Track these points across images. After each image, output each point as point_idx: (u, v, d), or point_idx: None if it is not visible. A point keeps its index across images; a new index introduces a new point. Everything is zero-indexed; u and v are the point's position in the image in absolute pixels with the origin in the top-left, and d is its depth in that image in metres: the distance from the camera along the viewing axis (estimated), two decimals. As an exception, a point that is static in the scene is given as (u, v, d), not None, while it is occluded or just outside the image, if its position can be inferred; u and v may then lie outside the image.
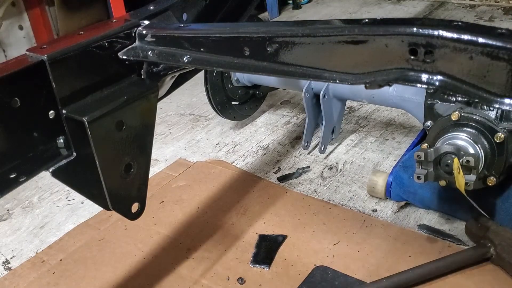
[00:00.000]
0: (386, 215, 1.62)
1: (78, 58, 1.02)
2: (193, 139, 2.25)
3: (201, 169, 1.98)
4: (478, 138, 1.33)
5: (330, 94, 1.84)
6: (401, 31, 0.78)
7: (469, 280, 1.33)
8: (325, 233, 1.56)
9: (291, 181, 1.85)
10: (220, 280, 1.44)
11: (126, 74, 1.11)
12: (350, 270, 1.41)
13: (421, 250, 1.44)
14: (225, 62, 1.00)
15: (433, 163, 1.34)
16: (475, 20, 3.13)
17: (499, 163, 1.33)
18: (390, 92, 1.66)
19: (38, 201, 1.92)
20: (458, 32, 0.74)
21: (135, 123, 1.08)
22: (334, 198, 1.73)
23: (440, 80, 0.78)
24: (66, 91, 0.99)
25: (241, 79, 2.09)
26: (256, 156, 2.04)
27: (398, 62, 0.80)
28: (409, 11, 3.45)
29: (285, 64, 0.93)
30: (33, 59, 0.96)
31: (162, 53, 1.08)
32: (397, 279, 1.32)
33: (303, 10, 3.77)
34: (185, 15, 1.25)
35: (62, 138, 1.01)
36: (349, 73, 0.86)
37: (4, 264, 1.63)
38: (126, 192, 1.13)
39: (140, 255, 1.57)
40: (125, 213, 1.14)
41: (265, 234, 1.58)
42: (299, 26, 0.95)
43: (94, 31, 1.07)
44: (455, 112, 1.36)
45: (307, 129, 1.91)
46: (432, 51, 0.76)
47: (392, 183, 1.62)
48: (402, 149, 1.92)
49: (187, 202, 1.78)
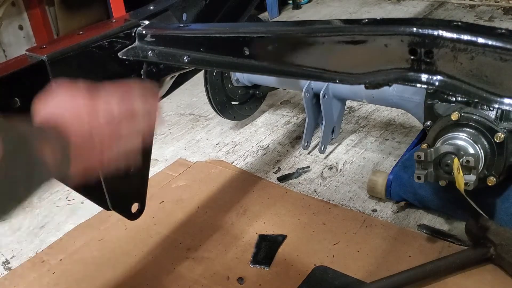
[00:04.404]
0: (386, 215, 1.62)
1: (78, 58, 1.02)
2: (193, 139, 2.25)
3: (201, 169, 1.98)
4: (478, 138, 1.33)
5: (330, 94, 1.84)
6: (401, 31, 0.78)
7: (469, 280, 1.33)
8: (325, 233, 1.56)
9: (291, 181, 1.85)
10: (220, 280, 1.43)
11: (126, 74, 1.11)
12: (350, 270, 1.41)
13: (421, 250, 1.44)
14: (225, 62, 1.01)
15: (433, 163, 1.34)
16: (475, 20, 3.13)
17: (499, 163, 1.33)
18: (390, 92, 1.66)
19: (38, 201, 1.92)
20: (458, 32, 0.74)
21: (135, 123, 1.08)
22: (334, 198, 1.73)
23: (440, 80, 0.78)
24: (66, 91, 0.99)
25: (241, 79, 2.08)
26: (256, 156, 2.04)
27: (398, 62, 0.80)
28: (409, 11, 3.45)
29: (285, 64, 0.93)
30: (33, 59, 0.96)
31: (162, 53, 1.08)
32: (397, 279, 1.32)
33: (303, 10, 3.77)
34: (185, 15, 1.25)
35: (62, 138, 1.01)
36: (349, 73, 0.86)
37: (4, 264, 1.63)
38: (126, 192, 1.13)
39: (140, 255, 1.57)
40: (125, 213, 1.14)
41: (265, 234, 1.58)
42: (299, 26, 0.95)
43: (94, 31, 1.07)
44: (455, 112, 1.36)
45: (307, 129, 1.91)
46: (432, 51, 0.76)
47: (392, 183, 1.62)
48: (402, 149, 1.92)
49: (187, 202, 1.78)
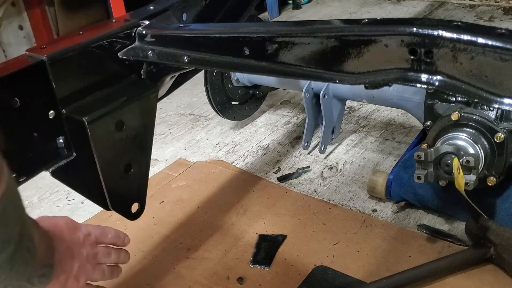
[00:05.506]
0: (386, 215, 1.62)
1: (78, 58, 1.02)
2: (193, 139, 2.25)
3: (201, 169, 1.98)
4: (478, 138, 1.33)
5: (330, 94, 1.84)
6: (401, 31, 0.78)
7: (469, 280, 1.33)
8: (325, 233, 1.56)
9: (291, 181, 1.85)
10: (220, 280, 1.43)
11: (126, 74, 1.11)
12: (350, 270, 1.41)
13: (421, 250, 1.44)
14: (225, 62, 1.00)
15: (433, 163, 1.34)
16: (475, 20, 3.13)
17: (499, 163, 1.33)
18: (390, 92, 1.66)
19: (38, 201, 1.92)
20: (458, 32, 0.74)
21: (135, 123, 1.08)
22: (334, 198, 1.73)
23: (440, 80, 0.78)
24: (66, 91, 0.99)
25: (241, 79, 2.08)
26: (256, 156, 2.04)
27: (397, 62, 0.80)
28: (409, 11, 3.45)
29: (285, 64, 0.93)
30: (33, 59, 0.96)
31: (162, 53, 1.08)
32: (397, 279, 1.32)
33: (303, 10, 3.77)
34: (185, 15, 1.25)
35: (62, 138, 1.02)
36: (349, 73, 0.86)
37: (4, 264, 1.62)
38: (126, 192, 1.13)
39: (140, 255, 1.57)
40: (125, 213, 1.14)
41: (265, 234, 1.58)
42: (299, 26, 0.95)
43: (94, 31, 1.07)
44: (455, 112, 1.36)
45: (307, 129, 1.91)
46: (431, 51, 0.76)
47: (392, 183, 1.62)
48: (402, 149, 1.92)
49: (187, 202, 1.78)
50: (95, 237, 0.99)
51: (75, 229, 0.95)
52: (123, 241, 1.08)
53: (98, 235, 1.01)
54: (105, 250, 1.02)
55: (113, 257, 1.04)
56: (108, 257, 1.02)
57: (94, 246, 0.98)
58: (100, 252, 1.00)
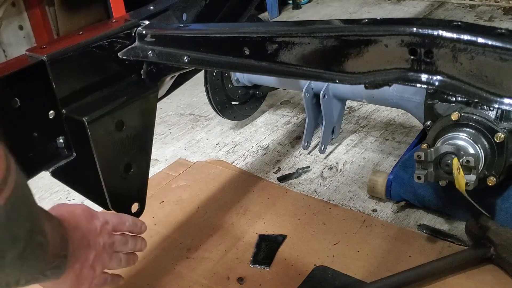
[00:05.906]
0: (386, 215, 1.62)
1: (78, 58, 1.02)
2: (193, 139, 2.25)
3: (201, 169, 1.98)
4: (478, 138, 1.33)
5: (330, 94, 1.84)
6: (401, 31, 0.78)
7: (469, 280, 1.33)
8: (325, 233, 1.56)
9: (291, 181, 1.85)
10: (220, 280, 1.43)
11: (126, 74, 1.11)
12: (350, 270, 1.41)
13: (421, 250, 1.44)
14: (225, 62, 1.01)
15: (433, 163, 1.34)
16: (475, 20, 3.13)
17: (499, 163, 1.33)
18: (390, 92, 1.66)
19: (38, 201, 1.91)
20: (457, 32, 0.74)
21: (135, 123, 1.08)
22: (334, 198, 1.73)
23: (440, 80, 0.78)
24: (66, 91, 1.00)
25: (241, 79, 2.08)
26: (256, 156, 2.04)
27: (397, 62, 0.80)
28: (409, 11, 3.45)
29: (285, 64, 0.93)
30: (33, 59, 0.96)
31: (162, 53, 1.08)
32: (397, 279, 1.32)
33: (303, 10, 3.77)
34: (185, 15, 1.25)
35: (62, 138, 1.02)
36: (349, 73, 0.86)
37: (4, 264, 1.62)
38: (126, 192, 1.13)
39: (140, 255, 1.55)
40: (125, 213, 1.14)
41: (265, 234, 1.58)
42: (299, 26, 0.95)
43: (94, 31, 1.07)
44: (455, 112, 1.36)
45: (307, 129, 1.91)
46: (431, 51, 0.76)
47: (392, 183, 1.62)
48: (402, 149, 1.92)
49: (187, 202, 1.78)
50: (113, 226, 0.98)
51: (92, 217, 0.93)
52: (140, 228, 1.07)
53: (116, 223, 0.99)
54: (122, 238, 1.00)
55: (130, 245, 1.03)
56: (125, 246, 1.01)
57: (111, 234, 0.97)
58: (117, 241, 0.98)
